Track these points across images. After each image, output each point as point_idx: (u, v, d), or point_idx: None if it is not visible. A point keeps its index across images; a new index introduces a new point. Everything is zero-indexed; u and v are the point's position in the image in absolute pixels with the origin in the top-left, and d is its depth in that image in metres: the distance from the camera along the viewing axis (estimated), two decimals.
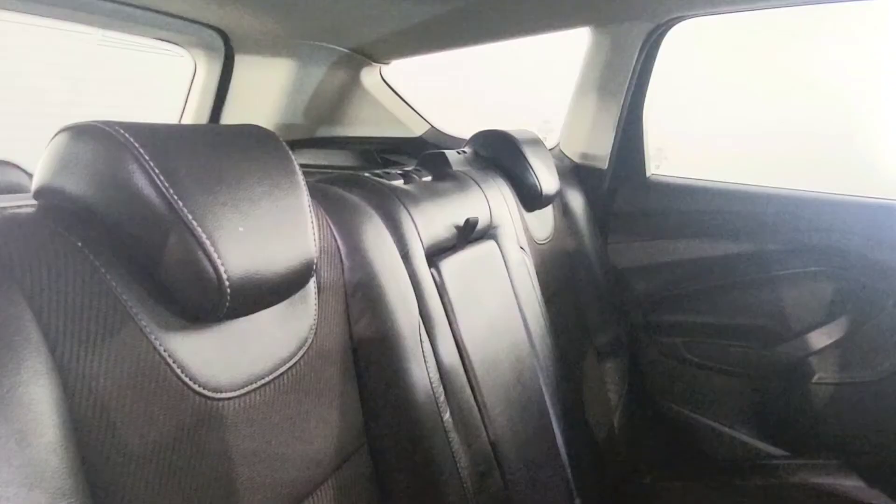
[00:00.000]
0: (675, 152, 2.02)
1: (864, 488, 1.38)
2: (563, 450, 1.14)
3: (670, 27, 1.66)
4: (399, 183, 1.03)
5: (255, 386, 0.61)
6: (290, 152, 0.66)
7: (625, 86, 1.70)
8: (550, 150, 1.86)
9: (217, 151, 0.59)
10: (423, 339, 0.84)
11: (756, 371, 1.66)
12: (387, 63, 1.97)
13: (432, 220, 0.97)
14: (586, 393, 1.47)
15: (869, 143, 3.14)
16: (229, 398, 0.58)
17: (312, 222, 0.66)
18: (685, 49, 1.89)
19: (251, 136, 0.64)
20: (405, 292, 0.83)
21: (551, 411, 1.14)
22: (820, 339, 1.60)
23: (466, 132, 1.94)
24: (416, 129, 2.01)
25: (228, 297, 0.55)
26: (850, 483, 1.40)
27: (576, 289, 1.61)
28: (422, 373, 0.81)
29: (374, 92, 1.98)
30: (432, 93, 2.13)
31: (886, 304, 1.56)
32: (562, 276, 1.52)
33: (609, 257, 1.77)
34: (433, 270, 0.94)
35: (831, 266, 1.60)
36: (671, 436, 1.74)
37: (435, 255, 0.96)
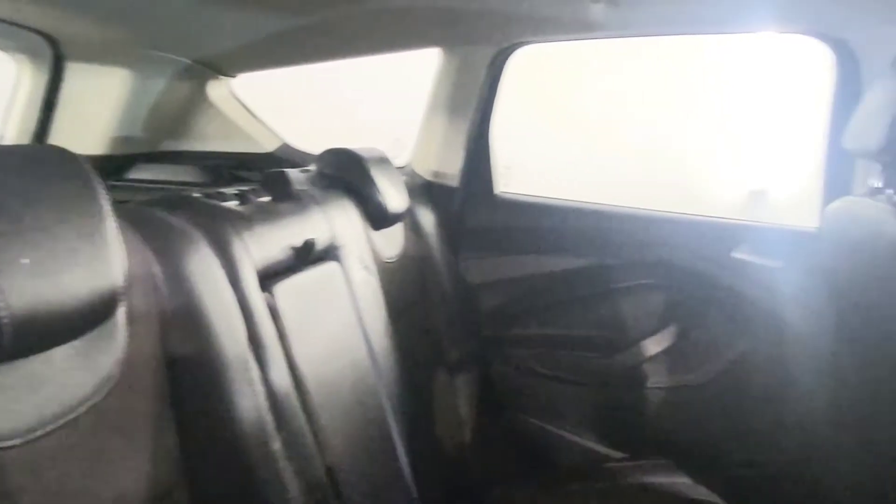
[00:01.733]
0: (523, 170, 2.11)
1: (690, 485, 1.49)
2: (406, 469, 1.15)
3: (513, 51, 1.73)
4: (233, 204, 1.00)
5: (44, 431, 0.56)
6: (92, 174, 0.62)
7: (473, 106, 1.75)
8: (402, 167, 1.88)
9: (1, 175, 0.55)
10: (251, 367, 0.81)
11: (598, 379, 1.75)
12: (235, 76, 1.91)
13: (267, 242, 0.95)
14: (436, 409, 1.49)
15: (694, 165, 3.43)
16: (10, 447, 0.54)
17: (121, 249, 0.62)
18: (530, 73, 1.98)
19: (45, 159, 0.60)
20: (231, 319, 0.81)
21: (395, 431, 1.14)
22: (652, 346, 1.72)
23: (320, 149, 1.93)
24: (268, 145, 1.96)
25: (11, 336, 0.51)
26: (679, 480, 1.51)
27: (427, 305, 1.63)
28: (249, 402, 0.78)
29: (222, 105, 1.92)
30: (285, 108, 2.09)
31: (709, 313, 1.70)
32: (411, 294, 1.54)
33: (461, 273, 1.80)
34: (266, 294, 0.91)
35: (661, 279, 1.72)
36: (522, 446, 1.80)
37: (269, 278, 0.94)
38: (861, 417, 1.33)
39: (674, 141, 3.47)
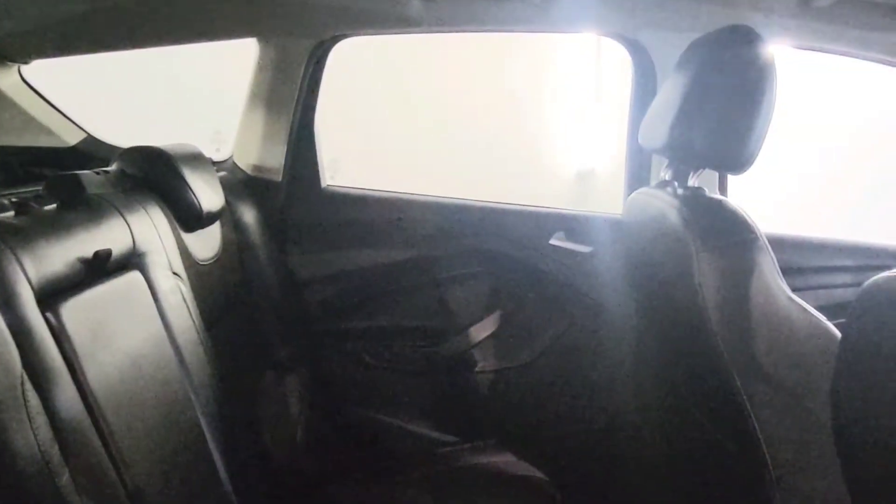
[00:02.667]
0: (350, 163, 2.10)
1: (514, 462, 1.58)
2: (227, 483, 1.12)
3: (334, 44, 1.72)
4: (8, 215, 0.91)
5: None
6: None
7: (294, 98, 1.72)
8: (223, 161, 1.81)
9: None
10: (28, 398, 0.75)
11: (427, 367, 1.80)
12: (27, 62, 1.74)
13: (48, 257, 0.88)
14: (264, 413, 1.47)
15: (522, 152, 3.60)
16: None
17: None
18: (356, 66, 1.97)
19: None
20: (1, 347, 0.74)
21: (213, 448, 1.11)
22: (479, 332, 1.79)
23: (131, 143, 1.80)
24: (69, 138, 1.81)
25: None
26: (504, 459, 1.59)
27: (252, 305, 1.59)
28: (26, 436, 0.72)
29: (11, 94, 1.74)
30: (91, 100, 1.94)
31: (528, 298, 1.80)
32: (232, 295, 1.49)
33: (288, 269, 1.77)
34: (49, 315, 0.84)
35: (485, 267, 1.80)
36: (356, 439, 1.81)
37: (52, 297, 0.86)
38: (663, 380, 1.47)
39: (503, 129, 3.62)
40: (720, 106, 1.10)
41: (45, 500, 0.73)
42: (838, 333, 1.00)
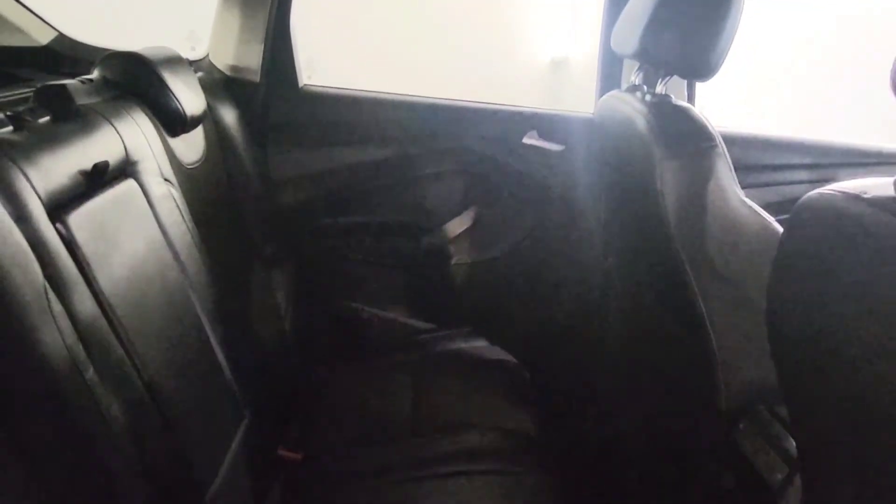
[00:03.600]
0: (327, 63, 2.09)
1: (488, 347, 1.72)
2: (227, 370, 1.23)
3: None
4: (7, 131, 0.94)
5: None
6: None
7: None
8: (199, 60, 1.80)
9: None
10: (51, 304, 0.82)
11: (406, 261, 1.90)
12: None
13: (52, 171, 0.92)
14: (254, 306, 1.56)
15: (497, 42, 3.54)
16: None
17: None
18: None
19: None
20: (22, 258, 0.80)
21: (212, 337, 1.20)
22: (455, 228, 1.88)
23: (104, 41, 1.78)
24: (40, 37, 1.77)
25: None
26: (478, 344, 1.73)
27: (236, 205, 1.65)
28: (54, 338, 0.80)
29: None
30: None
31: (502, 195, 1.88)
32: (219, 196, 1.55)
33: (269, 169, 1.82)
34: (59, 226, 0.90)
35: (461, 165, 1.86)
36: (340, 328, 1.93)
37: (59, 209, 0.92)
38: (625, 274, 1.59)
39: (477, 14, 3.54)
40: (689, 14, 1.14)
41: (75, 393, 0.82)
42: None
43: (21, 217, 0.83)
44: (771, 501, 1.02)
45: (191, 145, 1.45)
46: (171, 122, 1.34)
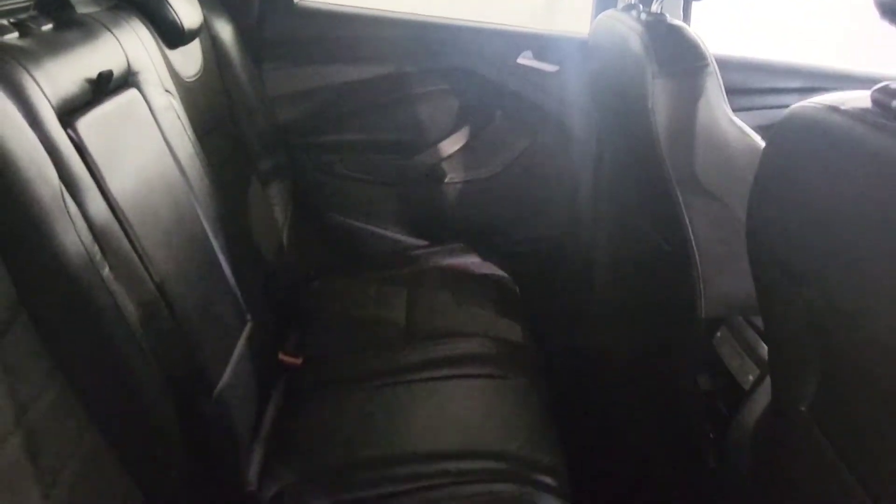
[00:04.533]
0: None
1: (479, 262, 1.77)
2: (230, 277, 1.27)
3: None
4: (13, 37, 0.96)
5: None
6: None
7: None
8: None
9: None
10: (68, 203, 0.86)
11: (400, 178, 1.93)
12: None
13: (59, 77, 0.94)
14: (252, 218, 1.60)
15: None
16: None
17: None
18: None
19: None
20: (39, 160, 0.83)
21: (215, 245, 1.24)
22: (448, 147, 1.91)
23: None
24: None
25: None
26: (470, 260, 1.78)
27: (232, 120, 1.66)
28: (72, 236, 0.84)
29: None
30: None
31: (495, 115, 1.90)
32: (217, 110, 1.56)
33: (265, 85, 1.82)
34: (69, 132, 0.93)
35: (455, 84, 1.87)
36: (336, 244, 1.98)
37: (68, 114, 0.94)
38: (615, 192, 1.64)
39: None
40: None
41: (93, 289, 0.87)
42: None
43: (34, 121, 0.86)
44: (743, 400, 1.10)
45: (189, 59, 1.45)
46: (169, 33, 1.34)
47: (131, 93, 1.13)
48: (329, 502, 1.10)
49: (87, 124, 0.97)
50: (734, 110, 1.18)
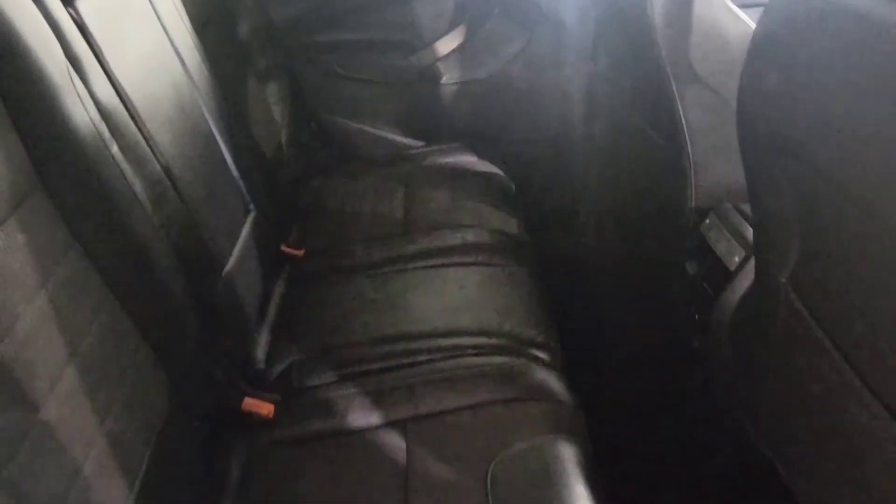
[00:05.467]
0: None
1: (476, 161, 1.80)
2: (233, 168, 1.30)
3: None
4: None
5: None
6: None
7: None
8: None
9: None
10: (75, 81, 0.87)
11: (397, 79, 1.92)
12: None
13: None
14: (251, 115, 1.61)
15: None
16: None
17: None
18: None
19: None
20: (44, 35, 0.84)
21: (217, 135, 1.26)
22: (445, 46, 1.89)
23: None
24: None
25: None
26: (467, 159, 1.81)
27: (228, 16, 1.64)
28: (80, 112, 0.86)
29: None
30: None
31: (492, 13, 1.87)
32: (212, 5, 1.54)
33: None
34: (70, 10, 0.93)
35: None
36: (334, 143, 1.99)
37: None
38: (611, 86, 1.65)
39: None
40: None
41: (103, 164, 0.89)
42: None
43: None
44: (728, 280, 1.15)
45: None
46: None
47: None
48: (334, 377, 1.17)
49: (86, 6, 0.97)
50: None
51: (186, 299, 1.00)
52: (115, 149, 0.92)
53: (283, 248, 1.50)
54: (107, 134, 0.92)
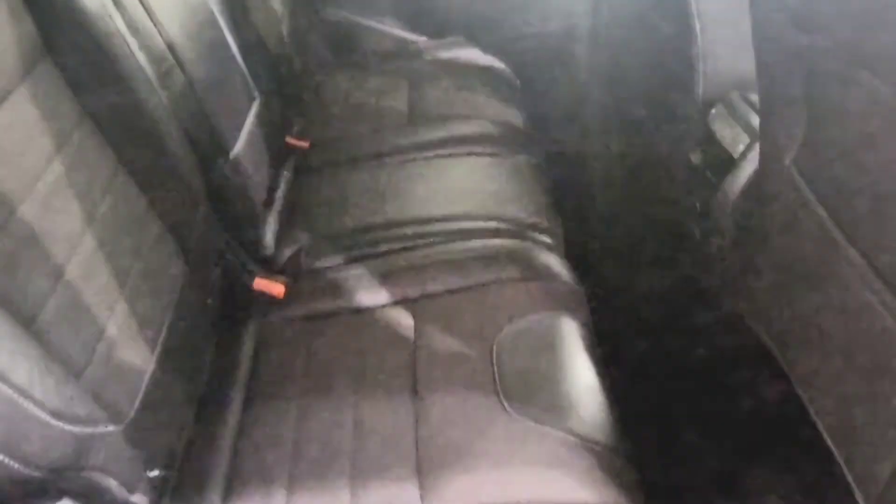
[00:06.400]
0: None
1: (480, 55, 1.78)
2: (237, 53, 1.28)
3: None
4: None
5: None
6: None
7: None
8: None
9: None
10: None
11: None
12: None
13: None
14: (252, 7, 1.57)
15: None
16: None
17: None
18: None
19: None
20: None
21: (219, 18, 1.24)
22: None
23: None
24: None
25: None
26: (471, 53, 1.78)
27: None
28: None
29: None
30: None
31: None
32: None
33: None
34: None
35: None
36: (335, 39, 1.94)
37: None
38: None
39: None
40: None
41: (109, 37, 0.87)
42: None
43: None
44: (731, 168, 1.16)
45: None
46: None
47: None
48: (342, 259, 1.19)
49: None
50: None
51: (196, 177, 1.02)
52: (119, 22, 0.91)
53: (288, 139, 1.50)
54: (111, 5, 0.90)
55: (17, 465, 0.57)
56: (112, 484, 0.73)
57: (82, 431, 0.66)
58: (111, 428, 0.73)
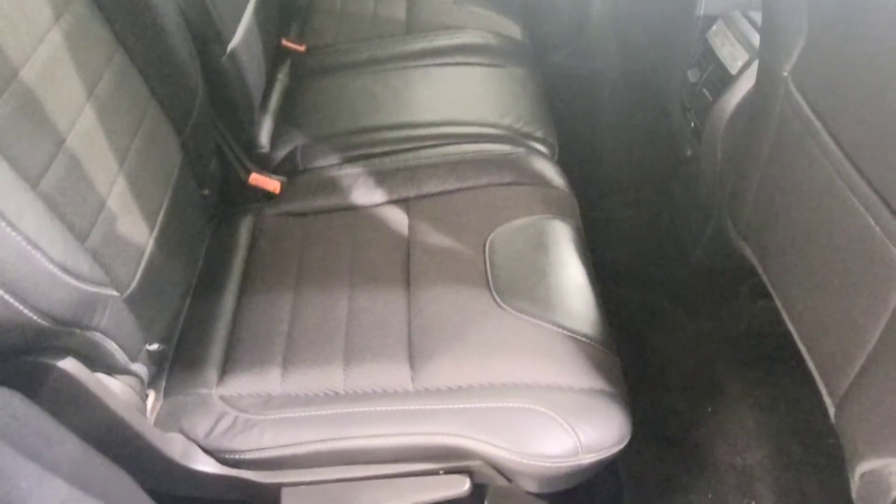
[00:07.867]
0: None
1: None
2: None
3: None
4: None
5: None
6: None
7: None
8: None
9: None
10: None
11: None
12: None
13: None
14: None
15: None
16: None
17: None
18: None
19: None
20: None
21: None
22: None
23: None
24: None
25: None
26: None
27: None
28: None
29: None
30: None
31: None
32: None
33: None
34: None
35: None
36: None
37: None
38: None
39: None
40: None
41: None
42: None
43: None
44: (728, 84, 1.16)
45: None
46: None
47: None
48: (338, 159, 1.20)
49: None
50: None
51: (193, 63, 1.00)
52: None
53: (284, 41, 1.47)
54: None
55: (25, 310, 0.58)
56: (115, 347, 0.75)
57: (87, 290, 0.67)
58: (114, 293, 0.75)
